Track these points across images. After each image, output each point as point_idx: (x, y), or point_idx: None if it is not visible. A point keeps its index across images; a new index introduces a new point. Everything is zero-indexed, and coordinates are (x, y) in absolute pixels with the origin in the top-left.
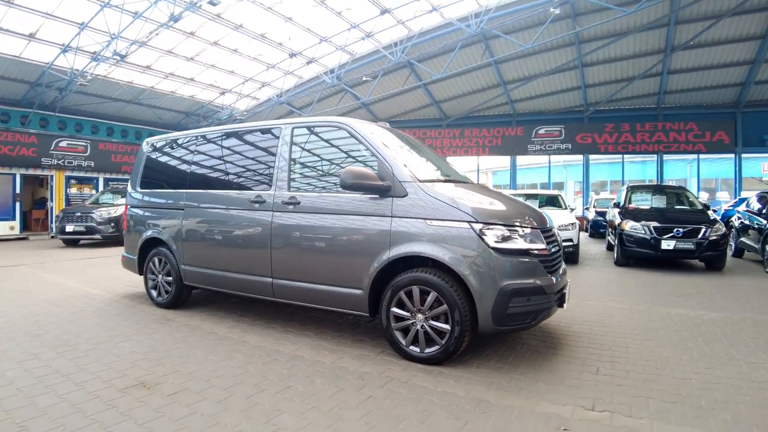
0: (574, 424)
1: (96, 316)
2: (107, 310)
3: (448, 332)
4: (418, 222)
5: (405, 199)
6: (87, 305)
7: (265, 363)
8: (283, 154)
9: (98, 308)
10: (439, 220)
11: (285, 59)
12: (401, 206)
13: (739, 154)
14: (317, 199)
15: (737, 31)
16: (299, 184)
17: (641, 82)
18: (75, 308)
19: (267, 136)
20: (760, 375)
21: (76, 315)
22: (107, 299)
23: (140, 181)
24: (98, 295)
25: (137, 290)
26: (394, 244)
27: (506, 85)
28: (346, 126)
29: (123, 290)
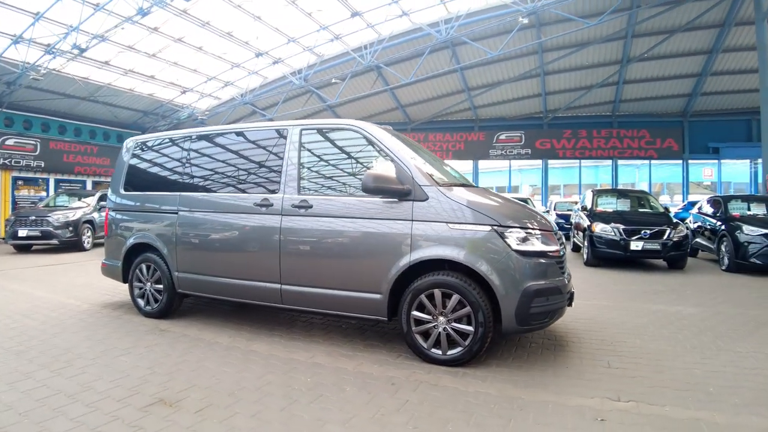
0: (607, 415)
1: (80, 328)
2: (90, 321)
3: (472, 333)
4: (439, 226)
5: (426, 203)
6: (65, 316)
7: (286, 372)
8: (291, 157)
9: (80, 320)
10: (461, 224)
11: (251, 59)
12: (422, 210)
13: (687, 160)
14: (331, 202)
15: (687, 46)
16: (310, 187)
17: (598, 90)
18: (53, 320)
19: (272, 137)
20: (750, 363)
21: (58, 328)
22: (86, 309)
23: (124, 182)
24: (73, 305)
25: (117, 299)
26: (416, 247)
27: (470, 91)
28: (360, 129)
29: (100, 299)
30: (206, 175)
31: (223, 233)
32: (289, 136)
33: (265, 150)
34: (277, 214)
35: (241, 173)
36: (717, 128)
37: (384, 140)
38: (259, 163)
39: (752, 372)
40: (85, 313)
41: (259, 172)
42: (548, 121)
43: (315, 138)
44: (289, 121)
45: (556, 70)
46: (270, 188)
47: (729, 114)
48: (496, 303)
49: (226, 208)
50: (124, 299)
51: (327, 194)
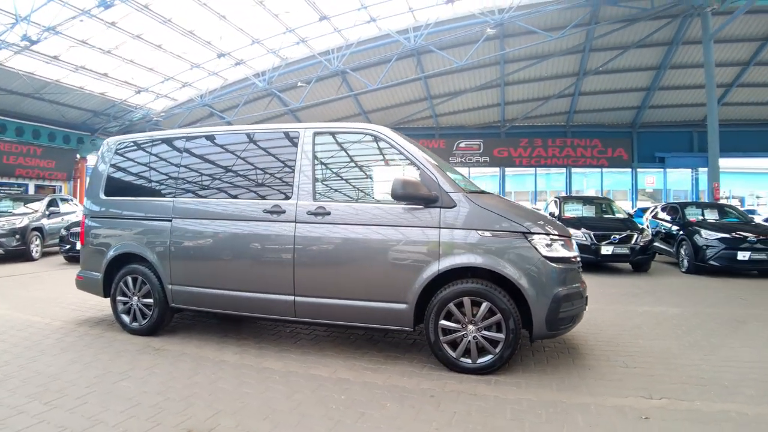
0: (646, 413)
1: (60, 350)
2: (70, 341)
3: (503, 340)
4: (469, 233)
5: (454, 209)
6: (38, 337)
7: (313, 391)
8: (304, 161)
9: (56, 340)
10: (491, 231)
11: (212, 59)
12: (450, 217)
13: (635, 169)
14: (351, 209)
15: (638, 61)
16: (325, 193)
17: (555, 101)
18: (25, 342)
19: (281, 140)
20: (747, 356)
21: (34, 350)
22: (59, 328)
23: (105, 187)
24: (43, 323)
25: (90, 314)
26: (445, 255)
27: (433, 99)
28: (379, 133)
29: (71, 315)
30: (205, 180)
31: (225, 243)
32: (300, 140)
33: (273, 154)
34: (290, 221)
35: (245, 178)
36: (663, 139)
37: (405, 146)
38: (267, 168)
39: (755, 364)
40: (60, 332)
41: (268, 177)
42: (506, 130)
43: (328, 142)
44: (298, 124)
45: (516, 81)
46: (281, 194)
47: (673, 126)
48: (525, 309)
49: (229, 216)
50: (99, 315)
51: (345, 200)
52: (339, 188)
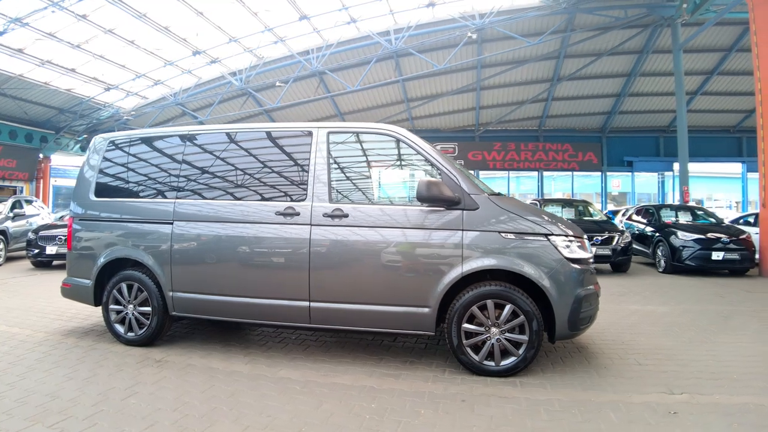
0: (672, 408)
1: (52, 365)
2: (59, 354)
3: (526, 342)
4: (492, 235)
5: (477, 212)
6: (22, 350)
7: (341, 400)
8: (319, 162)
9: (44, 353)
10: (514, 233)
11: (187, 57)
12: (474, 219)
13: (605, 172)
14: (369, 211)
15: (610, 68)
16: (342, 194)
17: (528, 106)
18: (8, 356)
19: (292, 139)
20: (746, 350)
21: (21, 366)
22: (44, 340)
23: (95, 188)
24: (22, 334)
25: (74, 324)
26: (468, 258)
27: (409, 102)
28: (396, 134)
29: (53, 326)
30: (210, 181)
31: (233, 247)
32: (314, 139)
33: (284, 153)
34: (305, 224)
35: (254, 179)
36: (631, 144)
37: (424, 147)
38: (279, 168)
39: (753, 358)
40: (45, 344)
41: (279, 178)
42: (480, 134)
43: (343, 141)
44: (311, 123)
45: (491, 85)
46: (294, 196)
47: (641, 131)
48: (548, 310)
49: (238, 218)
50: (85, 324)
51: (362, 202)
52: (355, 189)
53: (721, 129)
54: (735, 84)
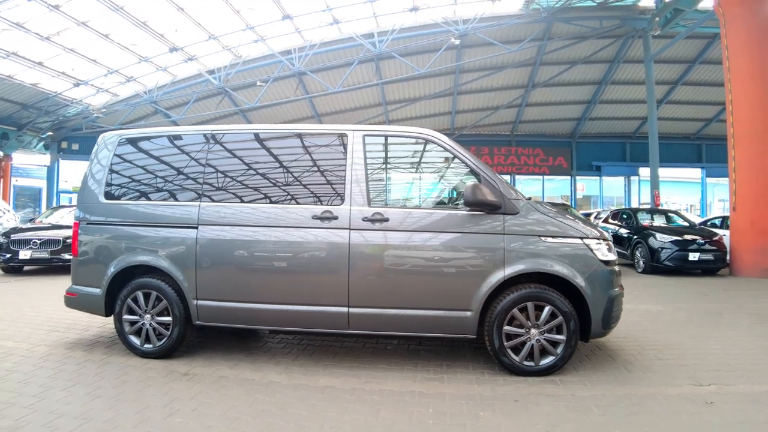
0: (706, 398)
1: (67, 382)
2: (71, 371)
3: (564, 342)
4: (532, 239)
5: (518, 216)
6: (28, 367)
7: (396, 407)
8: (356, 165)
9: (54, 369)
10: (552, 237)
11: (163, 53)
12: (515, 223)
13: (575, 176)
14: (410, 215)
15: (583, 76)
16: (380, 198)
17: (503, 111)
18: (14, 374)
19: (326, 142)
20: (746, 344)
21: (34, 385)
22: (47, 354)
23: (105, 189)
24: (21, 349)
25: (76, 336)
26: (510, 261)
27: (387, 105)
28: (433, 138)
29: (51, 338)
30: (238, 183)
31: (265, 252)
32: (350, 142)
33: (318, 155)
34: (344, 228)
35: (285, 181)
36: (599, 149)
37: (462, 151)
38: (312, 170)
39: (758, 350)
40: (52, 359)
41: (312, 181)
42: (455, 137)
43: (380, 146)
44: (345, 125)
45: (468, 90)
46: (330, 199)
47: (609, 137)
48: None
49: (270, 222)
50: (87, 336)
51: (402, 206)
52: (393, 193)
53: (683, 136)
54: (697, 94)
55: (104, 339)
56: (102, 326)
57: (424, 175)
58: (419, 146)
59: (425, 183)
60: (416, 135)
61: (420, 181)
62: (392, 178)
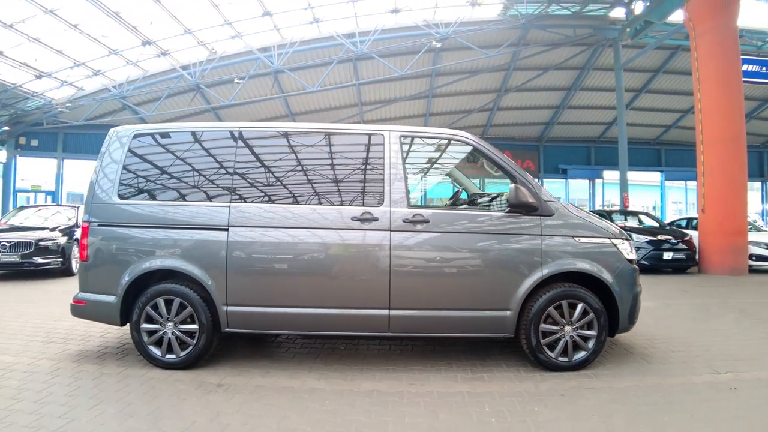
0: (728, 384)
1: (91, 399)
2: (90, 386)
3: (595, 337)
4: (567, 240)
5: (553, 218)
6: (38, 385)
7: (452, 408)
8: (394, 165)
9: (70, 386)
10: (585, 238)
11: (135, 47)
12: (551, 225)
13: (542, 179)
14: (449, 216)
15: (553, 82)
16: (419, 199)
17: (475, 114)
18: (25, 392)
19: (361, 142)
20: (740, 335)
21: (54, 405)
22: (52, 369)
23: (118, 187)
24: (22, 363)
25: (78, 347)
26: (547, 261)
27: (363, 106)
28: (469, 140)
29: (52, 350)
30: (271, 183)
31: (302, 254)
32: (386, 142)
33: (353, 155)
34: (385, 229)
35: (321, 182)
36: (565, 152)
37: (498, 154)
38: (347, 171)
39: (756, 341)
40: (62, 374)
41: (350, 182)
42: None
43: (417, 147)
44: (380, 126)
45: (443, 93)
46: (368, 200)
47: (575, 141)
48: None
49: (308, 224)
50: (89, 347)
51: (440, 207)
52: (430, 194)
53: (643, 141)
54: (659, 101)
55: (112, 350)
56: (103, 335)
57: (460, 175)
58: (453, 147)
59: (461, 184)
60: (450, 136)
61: (454, 182)
62: (429, 179)
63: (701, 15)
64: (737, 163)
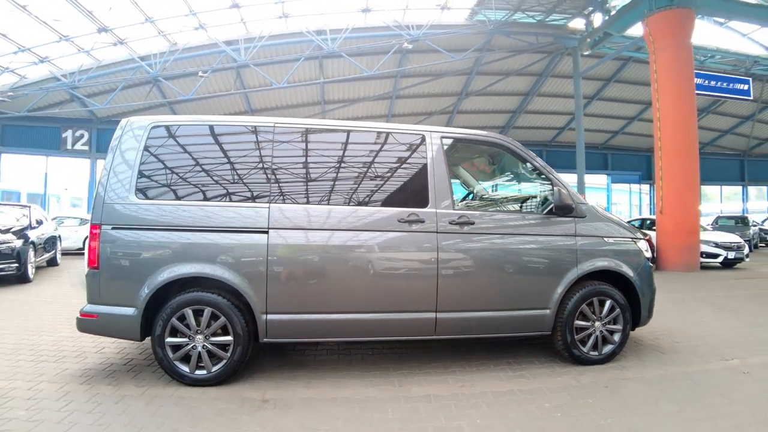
0: (739, 369)
1: (125, 426)
2: (114, 412)
3: (620, 331)
4: (597, 240)
5: (585, 219)
6: (52, 413)
7: (512, 406)
8: (437, 166)
9: (93, 412)
10: (613, 237)
11: (90, 33)
12: (584, 226)
13: None
14: (493, 218)
15: (512, 87)
16: (460, 201)
17: (436, 117)
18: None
19: (403, 141)
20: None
21: None
22: (60, 393)
23: (136, 185)
24: (20, 387)
25: (77, 366)
26: (580, 261)
27: (326, 104)
28: (508, 144)
29: (49, 371)
30: (312, 182)
31: (349, 257)
32: (428, 143)
33: (396, 156)
34: (431, 231)
35: (364, 182)
36: None
37: (534, 157)
38: (391, 171)
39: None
40: (78, 398)
41: (392, 182)
42: None
43: (457, 148)
44: (420, 126)
45: (406, 95)
46: (413, 202)
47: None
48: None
49: (353, 225)
50: (90, 365)
51: (483, 209)
52: (471, 196)
53: (592, 146)
54: (609, 108)
55: (118, 367)
56: (99, 350)
57: (500, 178)
58: (492, 150)
59: (501, 186)
60: (490, 139)
61: (494, 184)
62: (471, 181)
63: (661, 31)
64: (692, 168)
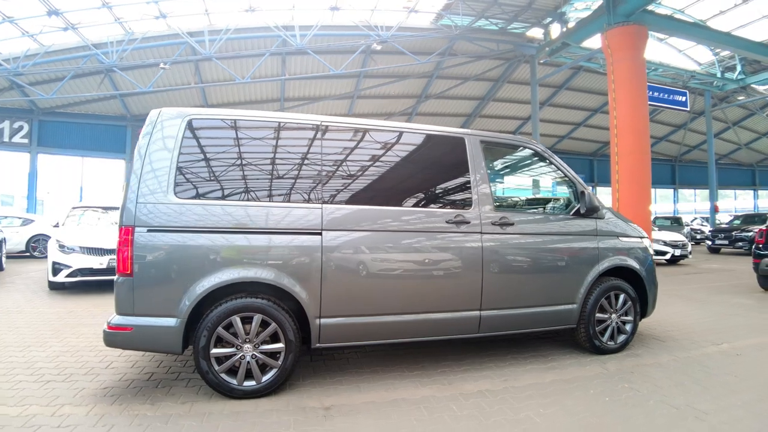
0: (731, 352)
1: None
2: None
3: (632, 322)
4: (614, 239)
5: (604, 220)
6: None
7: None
8: (478, 169)
9: None
10: (626, 237)
11: (39, 15)
12: (603, 226)
13: None
14: (529, 219)
15: (470, 92)
16: (502, 203)
17: (395, 118)
18: None
19: (443, 143)
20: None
21: None
22: (92, 417)
23: (175, 183)
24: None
25: (94, 385)
26: (602, 258)
27: (285, 101)
28: (540, 149)
29: (65, 392)
30: (362, 183)
31: (403, 258)
32: (468, 146)
33: (438, 158)
34: (476, 232)
35: (412, 183)
36: None
37: (562, 163)
38: (435, 173)
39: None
40: (120, 423)
41: (438, 184)
42: None
43: (493, 152)
44: (460, 129)
45: (367, 95)
46: (458, 203)
47: None
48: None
49: (406, 227)
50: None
51: (521, 211)
52: (511, 198)
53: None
54: (558, 114)
55: (141, 383)
56: (108, 365)
57: (532, 181)
58: (526, 154)
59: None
60: (525, 144)
61: (527, 186)
62: (506, 183)
63: (620, 44)
64: (645, 172)
